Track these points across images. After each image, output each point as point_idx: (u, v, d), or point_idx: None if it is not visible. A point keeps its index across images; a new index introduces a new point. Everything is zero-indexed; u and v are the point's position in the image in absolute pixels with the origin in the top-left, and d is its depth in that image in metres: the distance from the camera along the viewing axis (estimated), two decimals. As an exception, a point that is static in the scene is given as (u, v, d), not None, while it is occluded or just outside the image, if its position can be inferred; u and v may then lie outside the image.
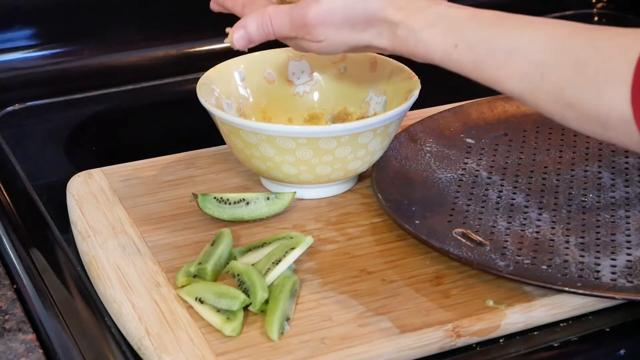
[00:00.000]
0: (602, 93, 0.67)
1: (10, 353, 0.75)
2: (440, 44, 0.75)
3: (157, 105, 1.20)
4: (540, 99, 0.71)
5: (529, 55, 0.71)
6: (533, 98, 0.72)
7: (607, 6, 1.44)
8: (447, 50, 0.75)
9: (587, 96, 0.68)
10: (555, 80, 0.70)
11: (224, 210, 0.87)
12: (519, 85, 0.72)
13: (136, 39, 1.24)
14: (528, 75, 0.71)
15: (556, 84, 0.70)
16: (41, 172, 1.02)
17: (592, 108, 0.68)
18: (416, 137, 0.98)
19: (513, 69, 0.72)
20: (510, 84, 0.72)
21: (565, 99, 0.69)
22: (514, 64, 0.72)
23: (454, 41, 0.75)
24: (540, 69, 0.70)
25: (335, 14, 0.79)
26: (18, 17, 1.19)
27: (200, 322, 0.76)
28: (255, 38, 0.83)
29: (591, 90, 0.68)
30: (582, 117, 0.69)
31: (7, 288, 0.83)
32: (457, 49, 0.75)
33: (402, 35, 0.78)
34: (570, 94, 0.69)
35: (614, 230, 0.86)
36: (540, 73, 0.70)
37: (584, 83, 0.68)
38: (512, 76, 0.72)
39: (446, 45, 0.75)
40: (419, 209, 0.87)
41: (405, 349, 0.74)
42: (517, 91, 0.72)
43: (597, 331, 0.77)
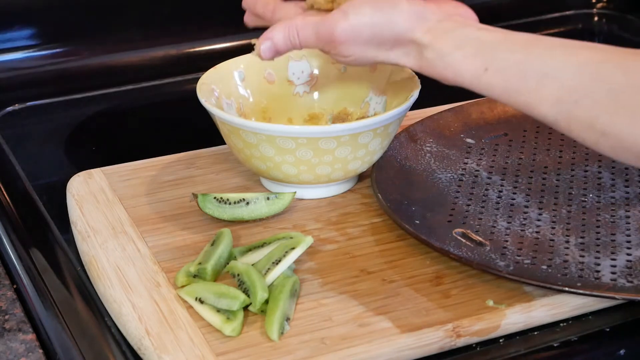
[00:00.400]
0: (637, 122, 0.67)
1: (10, 353, 0.75)
2: (469, 68, 0.74)
3: (157, 105, 1.20)
4: (574, 125, 0.71)
5: (562, 81, 0.70)
6: (567, 125, 0.71)
7: (607, 6, 1.44)
8: (477, 74, 0.74)
9: (622, 125, 0.68)
10: (590, 108, 0.69)
11: (224, 210, 0.87)
12: (553, 110, 0.71)
13: (136, 39, 1.24)
14: (561, 101, 0.70)
15: (590, 112, 0.69)
16: (41, 172, 1.02)
17: (627, 137, 0.68)
18: (416, 137, 0.98)
19: (546, 94, 0.71)
20: (544, 110, 0.72)
21: (599, 127, 0.69)
22: (546, 89, 0.71)
23: (484, 65, 0.74)
24: (575, 95, 0.70)
25: (362, 31, 0.79)
26: (18, 17, 1.19)
27: (200, 322, 0.76)
28: (282, 49, 0.83)
29: (625, 119, 0.67)
30: (617, 145, 0.69)
31: (7, 288, 0.83)
32: (487, 73, 0.73)
33: (430, 58, 0.77)
34: (604, 122, 0.68)
35: (614, 230, 0.86)
36: (574, 100, 0.70)
37: (618, 112, 0.68)
38: (545, 102, 0.71)
39: (476, 69, 0.74)
40: (419, 209, 0.87)
41: (405, 349, 0.74)
42: (551, 117, 0.72)
43: (597, 331, 0.77)
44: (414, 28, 0.77)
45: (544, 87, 0.71)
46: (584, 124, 0.70)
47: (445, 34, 0.76)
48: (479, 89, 0.75)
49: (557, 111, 0.71)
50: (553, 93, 0.71)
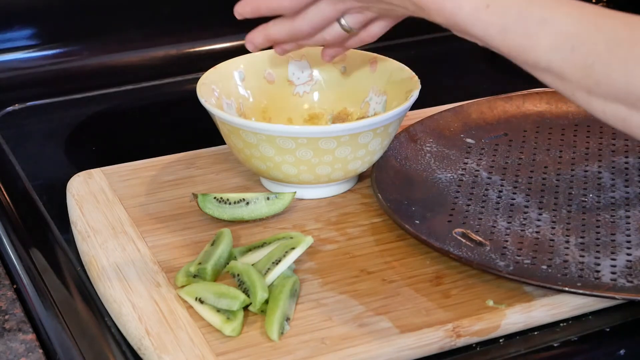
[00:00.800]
0: (632, 72, 0.67)
1: (10, 353, 0.75)
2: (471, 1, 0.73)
3: (157, 105, 1.20)
4: (568, 72, 0.70)
5: (561, 26, 0.70)
6: (560, 71, 0.71)
7: (607, 6, 1.44)
8: (478, 8, 0.73)
9: (617, 74, 0.68)
10: (586, 55, 0.69)
11: (224, 210, 0.87)
12: (547, 56, 0.71)
13: (136, 39, 1.24)
14: (558, 47, 0.70)
15: (586, 59, 0.69)
16: (41, 172, 1.02)
17: (620, 87, 0.68)
18: (416, 137, 0.98)
19: (543, 38, 0.71)
20: (538, 54, 0.71)
21: (593, 75, 0.69)
22: (544, 33, 0.71)
23: (486, 1, 0.73)
24: (572, 41, 0.69)
25: None
26: (18, 17, 1.19)
27: (200, 322, 0.76)
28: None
29: (621, 69, 0.67)
30: (609, 95, 0.69)
31: (7, 288, 0.83)
32: (488, 10, 0.72)
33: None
34: (599, 71, 0.68)
35: (614, 230, 0.86)
36: (571, 45, 0.69)
37: (614, 61, 0.68)
38: (541, 46, 0.71)
39: (478, 2, 0.73)
40: (419, 209, 0.87)
41: (405, 349, 0.74)
42: (544, 62, 0.71)
43: (597, 331, 0.77)
44: None
45: (542, 32, 0.71)
46: (579, 71, 0.70)
47: None
48: (476, 27, 0.74)
49: (552, 57, 0.71)
50: (549, 38, 0.71)
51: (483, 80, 1.09)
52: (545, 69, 0.72)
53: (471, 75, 1.15)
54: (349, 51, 0.98)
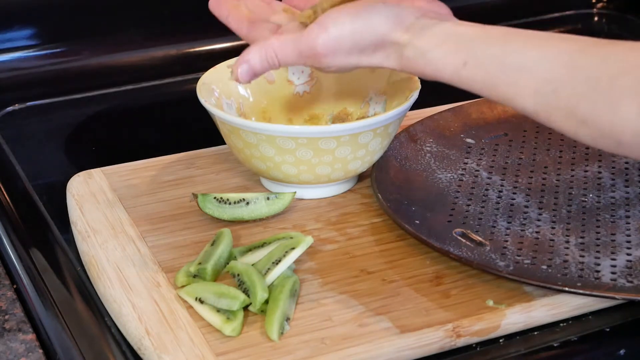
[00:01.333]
0: (615, 109, 0.67)
1: (10, 353, 0.75)
2: (449, 63, 0.75)
3: (157, 105, 1.20)
4: (554, 115, 0.71)
5: (540, 71, 0.71)
6: (547, 115, 0.71)
7: (607, 6, 1.45)
8: (457, 69, 0.75)
9: (601, 112, 0.68)
10: (568, 97, 0.69)
11: (224, 210, 0.87)
12: (532, 101, 0.72)
13: (136, 39, 1.24)
14: (540, 92, 0.71)
15: (569, 101, 0.69)
16: (41, 172, 1.02)
17: (606, 124, 0.68)
18: (416, 137, 0.98)
19: (524, 86, 0.72)
20: (523, 101, 0.72)
21: (578, 115, 0.69)
22: (525, 81, 0.72)
23: (462, 59, 0.74)
24: (552, 85, 0.70)
25: (343, 41, 0.79)
26: (18, 17, 1.19)
27: (200, 322, 0.76)
28: (260, 71, 0.83)
29: (605, 106, 0.68)
30: (597, 133, 0.69)
31: (7, 288, 0.83)
32: (466, 67, 0.74)
33: (410, 56, 0.77)
34: (583, 111, 0.69)
35: (614, 230, 0.86)
36: (552, 89, 0.70)
37: (597, 99, 0.68)
38: (524, 93, 0.72)
39: (455, 63, 0.75)
40: (419, 209, 0.87)
41: (405, 349, 0.74)
42: (530, 108, 0.72)
43: (597, 331, 0.77)
44: (393, 29, 0.78)
45: (522, 79, 0.72)
46: (564, 113, 0.70)
47: (423, 31, 0.77)
48: (460, 84, 0.76)
49: (536, 102, 0.71)
50: (531, 84, 0.71)
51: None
52: (533, 113, 0.73)
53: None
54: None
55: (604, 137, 0.69)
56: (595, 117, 0.68)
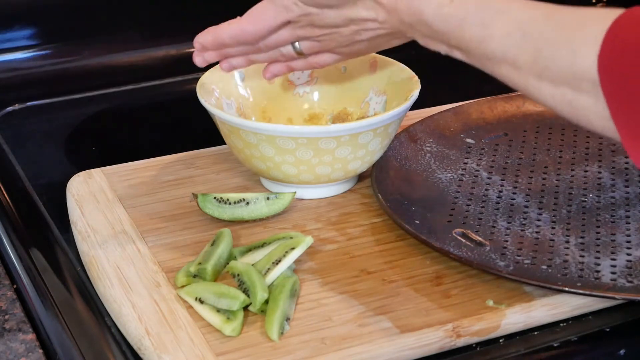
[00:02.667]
0: (576, 54, 0.69)
1: (10, 353, 0.75)
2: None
3: (157, 105, 1.20)
4: (521, 59, 0.73)
5: (515, 15, 0.73)
6: (514, 58, 0.73)
7: (607, 6, 1.44)
8: (442, 4, 0.77)
9: (563, 56, 0.70)
10: (535, 40, 0.72)
11: (224, 210, 0.87)
12: (501, 43, 0.74)
13: (136, 39, 1.24)
14: (510, 34, 0.73)
15: (536, 44, 0.72)
16: (41, 172, 1.02)
17: (566, 69, 0.70)
18: (416, 137, 0.98)
19: (498, 27, 0.74)
20: (492, 44, 0.74)
21: (542, 59, 0.71)
22: (499, 23, 0.74)
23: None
24: (524, 28, 0.72)
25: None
26: (18, 17, 1.19)
27: (200, 322, 0.76)
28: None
29: (567, 51, 0.70)
30: (557, 79, 0.71)
31: (7, 288, 0.83)
32: (451, 4, 0.76)
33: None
34: (547, 55, 0.71)
35: (614, 230, 0.86)
36: (522, 32, 0.72)
37: (561, 43, 0.70)
38: (496, 35, 0.74)
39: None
40: (419, 209, 0.87)
41: (405, 349, 0.74)
42: (499, 51, 0.74)
43: (597, 331, 0.78)
44: None
45: (497, 21, 0.74)
46: (529, 57, 0.72)
47: None
48: (437, 20, 0.77)
49: (504, 44, 0.73)
50: (504, 27, 0.74)
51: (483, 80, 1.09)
52: (501, 59, 0.74)
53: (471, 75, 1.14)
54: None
55: (562, 84, 0.71)
56: (557, 62, 0.70)
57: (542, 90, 0.73)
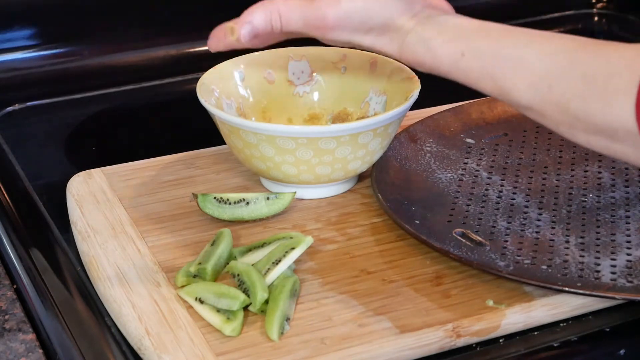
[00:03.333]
0: (609, 106, 0.68)
1: (10, 353, 0.75)
2: (448, 52, 0.76)
3: (157, 105, 1.20)
4: (548, 110, 0.72)
5: (536, 66, 0.72)
6: (540, 110, 0.72)
7: (607, 6, 1.45)
8: (455, 59, 0.75)
9: (595, 108, 0.69)
10: (563, 92, 0.70)
11: (224, 210, 0.87)
12: (526, 96, 0.72)
13: (136, 39, 1.24)
14: (535, 86, 0.72)
15: (563, 96, 0.70)
16: (41, 172, 1.02)
17: (599, 121, 0.69)
18: (416, 137, 0.98)
19: (520, 78, 0.72)
20: (518, 95, 0.73)
21: (572, 111, 0.70)
22: (521, 74, 0.72)
23: (461, 49, 0.75)
24: (548, 80, 0.71)
25: (353, 17, 0.79)
26: (18, 17, 1.19)
27: (200, 322, 0.76)
28: (262, 32, 0.82)
29: (598, 103, 0.68)
30: (590, 129, 0.70)
31: (7, 288, 0.83)
32: (464, 58, 0.75)
33: (412, 43, 0.78)
34: (577, 107, 0.69)
35: (614, 230, 0.86)
36: (548, 84, 0.71)
37: (591, 96, 0.69)
38: (519, 86, 0.72)
39: (454, 53, 0.76)
40: (419, 209, 0.87)
41: (405, 349, 0.74)
42: (525, 102, 0.73)
43: (597, 331, 0.77)
44: (402, 13, 0.79)
45: (518, 73, 0.73)
46: (558, 109, 0.71)
47: (428, 20, 0.78)
48: (457, 75, 0.77)
49: (531, 97, 0.72)
50: (526, 78, 0.72)
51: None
52: (527, 108, 0.74)
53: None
54: (349, 51, 0.98)
55: (597, 133, 0.70)
56: (588, 113, 0.69)
57: (575, 136, 0.72)
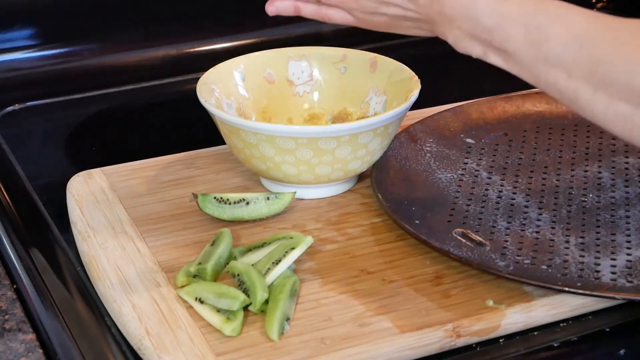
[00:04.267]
0: (635, 72, 0.68)
1: (10, 353, 0.75)
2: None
3: (157, 105, 1.20)
4: (575, 68, 0.72)
5: (573, 23, 0.73)
6: (568, 66, 0.72)
7: (607, 6, 1.44)
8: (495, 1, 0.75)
9: (621, 72, 0.69)
10: (593, 52, 0.71)
11: (224, 210, 0.87)
12: (557, 50, 0.73)
13: (136, 39, 1.24)
14: (568, 43, 0.72)
15: (593, 56, 0.71)
16: (41, 172, 1.02)
17: (624, 84, 0.69)
18: (416, 137, 0.98)
19: (556, 32, 0.73)
20: (549, 48, 0.73)
21: (599, 72, 0.71)
22: (557, 29, 0.73)
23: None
24: (582, 38, 0.72)
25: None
26: (18, 17, 1.19)
27: (200, 322, 0.76)
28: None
29: (625, 68, 0.69)
30: (613, 92, 0.70)
31: (7, 288, 0.83)
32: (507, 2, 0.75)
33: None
34: (605, 69, 0.70)
35: (614, 230, 0.86)
36: (580, 43, 0.72)
37: (619, 60, 0.70)
38: (553, 40, 0.73)
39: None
40: (419, 209, 0.87)
41: (405, 349, 0.74)
42: (553, 56, 0.73)
43: (597, 331, 0.77)
44: None
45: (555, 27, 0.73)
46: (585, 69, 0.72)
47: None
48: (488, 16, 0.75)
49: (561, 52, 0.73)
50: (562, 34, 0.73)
51: (483, 80, 1.09)
52: (553, 64, 0.73)
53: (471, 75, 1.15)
54: (348, 51, 0.98)
55: (619, 98, 0.70)
56: (615, 76, 0.70)
57: (595, 102, 0.72)
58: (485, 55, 0.77)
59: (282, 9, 0.88)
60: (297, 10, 0.88)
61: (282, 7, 0.88)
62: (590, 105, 0.72)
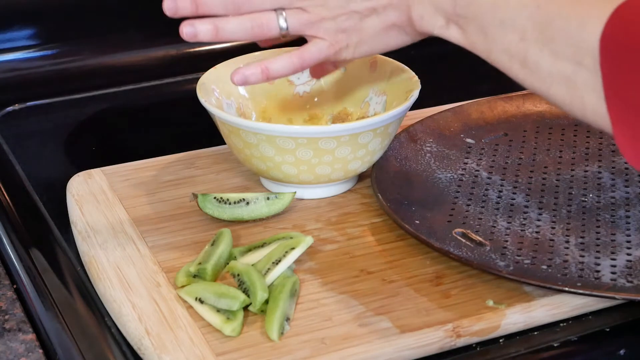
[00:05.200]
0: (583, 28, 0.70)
1: (10, 353, 0.75)
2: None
3: (157, 105, 1.20)
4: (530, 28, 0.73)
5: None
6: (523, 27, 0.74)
7: None
8: None
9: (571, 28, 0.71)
10: (548, 12, 0.72)
11: (224, 210, 0.87)
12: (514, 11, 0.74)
13: (136, 39, 1.24)
14: (526, 5, 0.74)
15: (547, 15, 0.72)
16: (41, 172, 1.02)
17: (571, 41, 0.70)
18: (416, 137, 0.98)
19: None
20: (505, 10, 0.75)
21: (551, 30, 0.72)
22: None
23: None
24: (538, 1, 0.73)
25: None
26: (18, 17, 1.19)
27: (200, 322, 0.76)
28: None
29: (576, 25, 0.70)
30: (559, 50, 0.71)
31: (7, 288, 0.83)
32: None
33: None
34: (556, 27, 0.72)
35: (614, 230, 0.86)
36: (537, 4, 0.73)
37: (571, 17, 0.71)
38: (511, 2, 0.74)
39: None
40: (419, 209, 0.87)
41: (405, 349, 0.74)
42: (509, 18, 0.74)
43: (597, 331, 0.78)
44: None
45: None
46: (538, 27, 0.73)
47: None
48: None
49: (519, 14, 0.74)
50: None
51: (483, 80, 1.09)
52: (508, 27, 0.75)
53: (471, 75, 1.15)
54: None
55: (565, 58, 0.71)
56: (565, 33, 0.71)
57: (540, 62, 0.73)
58: (446, 27, 0.79)
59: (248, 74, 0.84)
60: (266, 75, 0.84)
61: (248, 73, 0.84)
62: (536, 66, 0.74)
